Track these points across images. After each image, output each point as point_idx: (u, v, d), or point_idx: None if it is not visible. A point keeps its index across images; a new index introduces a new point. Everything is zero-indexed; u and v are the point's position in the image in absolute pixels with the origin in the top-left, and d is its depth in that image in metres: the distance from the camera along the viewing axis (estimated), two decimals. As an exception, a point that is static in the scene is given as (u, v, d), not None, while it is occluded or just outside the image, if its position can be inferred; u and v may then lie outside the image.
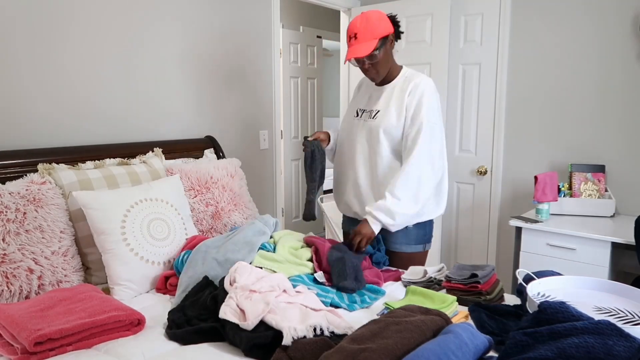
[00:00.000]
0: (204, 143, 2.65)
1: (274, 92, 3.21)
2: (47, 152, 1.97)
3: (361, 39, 1.86)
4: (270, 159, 3.26)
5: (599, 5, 2.83)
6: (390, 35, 1.92)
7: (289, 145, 4.66)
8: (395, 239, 2.02)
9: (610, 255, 2.40)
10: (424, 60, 3.30)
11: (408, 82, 1.94)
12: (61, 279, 1.65)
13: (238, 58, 2.93)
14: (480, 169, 3.31)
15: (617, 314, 1.28)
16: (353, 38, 1.88)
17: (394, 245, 2.03)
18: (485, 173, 3.30)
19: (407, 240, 2.02)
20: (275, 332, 1.25)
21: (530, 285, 1.41)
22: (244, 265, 1.56)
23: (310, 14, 4.81)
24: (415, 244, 2.03)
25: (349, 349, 1.07)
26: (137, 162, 2.17)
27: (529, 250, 2.64)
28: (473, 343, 1.09)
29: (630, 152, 2.81)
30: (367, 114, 2.03)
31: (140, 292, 1.74)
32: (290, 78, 4.61)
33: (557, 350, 1.00)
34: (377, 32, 1.86)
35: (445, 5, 3.22)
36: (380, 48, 1.88)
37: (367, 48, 1.85)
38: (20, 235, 1.59)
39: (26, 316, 1.31)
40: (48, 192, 1.72)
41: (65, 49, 2.10)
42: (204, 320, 1.40)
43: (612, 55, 2.81)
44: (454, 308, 1.46)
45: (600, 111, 2.89)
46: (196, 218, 2.13)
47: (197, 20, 2.66)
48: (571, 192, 2.80)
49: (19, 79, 1.97)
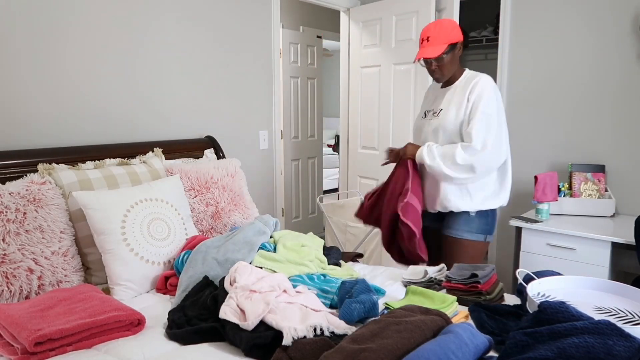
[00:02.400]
0: (204, 143, 2.65)
1: (273, 92, 3.21)
2: (47, 152, 1.97)
3: (432, 42, 2.01)
4: (270, 159, 3.26)
5: (599, 5, 2.83)
6: (459, 43, 2.06)
7: (289, 145, 4.66)
8: (457, 225, 2.09)
9: (610, 255, 2.40)
10: (411, 59, 3.27)
11: (469, 81, 2.05)
12: (61, 279, 1.65)
13: (238, 58, 2.93)
14: None
15: (617, 314, 1.28)
16: (425, 40, 2.03)
17: (455, 232, 2.09)
18: None
19: (469, 227, 2.08)
20: (275, 332, 1.25)
21: (530, 285, 1.41)
22: (244, 265, 1.56)
23: (310, 14, 4.81)
24: (477, 232, 2.09)
25: (349, 349, 1.07)
26: (137, 162, 2.17)
27: (529, 250, 2.64)
28: (473, 343, 1.09)
29: (630, 152, 2.81)
30: (432, 113, 2.16)
31: (140, 292, 1.74)
32: (290, 78, 4.61)
33: (557, 350, 1.00)
34: (447, 38, 2.01)
35: (429, 2, 3.17)
36: (449, 53, 2.03)
37: (436, 50, 2.00)
38: (20, 236, 1.59)
39: (26, 316, 1.31)
40: (48, 192, 1.72)
41: (66, 49, 2.10)
42: (204, 320, 1.40)
43: (612, 55, 2.81)
44: (454, 308, 1.46)
45: (600, 111, 2.89)
46: (196, 218, 2.13)
47: (197, 20, 2.66)
48: (571, 192, 2.80)
49: (19, 79, 1.97)
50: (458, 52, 2.08)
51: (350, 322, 1.36)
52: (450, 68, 2.08)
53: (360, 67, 3.74)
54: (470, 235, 2.08)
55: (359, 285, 1.48)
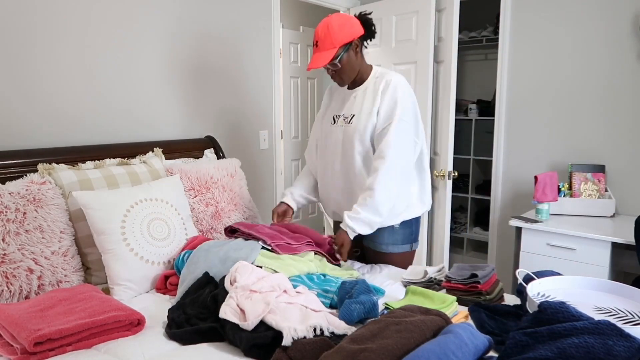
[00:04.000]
0: (204, 143, 2.65)
1: (273, 92, 3.20)
2: (47, 152, 1.97)
3: (321, 48, 1.82)
4: (270, 159, 3.26)
5: (599, 5, 2.83)
6: (356, 40, 1.86)
7: (289, 145, 4.66)
8: (381, 240, 1.99)
9: (610, 255, 2.40)
10: (410, 59, 3.27)
11: (379, 82, 1.89)
12: (61, 279, 1.65)
13: (238, 58, 2.93)
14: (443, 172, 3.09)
15: (617, 314, 1.28)
16: (315, 46, 1.85)
17: (380, 246, 2.01)
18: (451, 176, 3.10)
19: (393, 240, 1.99)
20: (275, 333, 1.25)
21: (530, 285, 1.41)
22: (244, 265, 1.56)
23: (310, 14, 4.81)
24: (402, 243, 2.01)
25: (349, 349, 1.07)
26: (137, 162, 2.17)
27: (529, 250, 2.64)
28: (473, 343, 1.08)
29: (630, 152, 2.81)
30: (343, 119, 1.98)
31: (140, 292, 1.74)
32: (290, 78, 4.61)
33: (557, 351, 1.00)
34: (337, 40, 1.81)
35: (429, 2, 3.14)
36: (342, 55, 1.84)
37: (325, 57, 1.81)
38: (20, 235, 1.59)
39: (26, 316, 1.31)
40: (48, 192, 1.72)
41: (65, 49, 2.10)
42: (204, 320, 1.40)
43: (613, 55, 2.81)
44: (454, 308, 1.46)
45: (600, 111, 2.89)
46: (196, 218, 2.13)
47: (197, 20, 2.66)
48: (571, 192, 2.80)
49: (19, 79, 1.97)
50: (356, 50, 1.88)
51: (350, 323, 1.36)
52: (350, 71, 1.90)
53: (360, 67, 3.73)
54: (395, 247, 1.99)
55: (359, 286, 1.48)
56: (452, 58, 3.02)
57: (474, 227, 4.34)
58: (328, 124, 2.06)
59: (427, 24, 3.13)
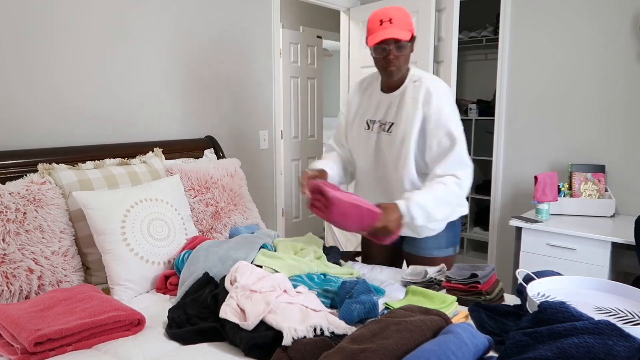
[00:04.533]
0: (204, 143, 2.65)
1: (273, 92, 3.20)
2: (47, 152, 1.97)
3: (397, 25, 1.70)
4: (270, 159, 3.26)
5: (599, 5, 2.83)
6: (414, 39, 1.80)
7: (289, 145, 4.66)
8: (424, 244, 1.91)
9: (610, 255, 2.40)
10: (410, 59, 3.25)
11: (418, 89, 1.78)
12: (61, 279, 1.65)
13: (238, 58, 2.93)
14: None
15: (617, 314, 1.28)
16: (387, 22, 1.70)
17: (424, 251, 1.92)
18: None
19: (438, 244, 1.91)
20: (275, 332, 1.25)
21: (530, 285, 1.41)
22: (245, 264, 1.56)
23: (310, 14, 4.81)
24: (446, 247, 1.93)
25: (349, 349, 1.07)
26: (137, 162, 2.17)
27: (529, 250, 2.64)
28: (473, 343, 1.09)
29: (630, 152, 2.81)
30: (379, 125, 1.86)
31: (140, 292, 1.74)
32: (290, 78, 4.61)
33: (557, 351, 1.00)
34: (411, 26, 1.75)
35: (429, 2, 3.12)
36: (411, 43, 1.76)
37: (403, 34, 1.70)
38: (20, 235, 1.59)
39: (26, 316, 1.31)
40: (48, 192, 1.72)
41: (66, 49, 2.10)
42: (204, 319, 1.40)
43: (612, 55, 2.81)
44: (454, 308, 1.46)
45: (600, 111, 2.89)
46: (196, 218, 2.13)
47: (197, 20, 2.66)
48: (571, 192, 2.80)
49: (19, 79, 1.97)
50: (413, 47, 1.80)
51: (350, 323, 1.36)
52: (406, 63, 1.79)
53: (360, 67, 3.74)
54: (439, 252, 1.90)
55: (360, 286, 1.48)
56: (452, 58, 3.03)
57: (474, 227, 4.34)
58: (360, 127, 1.93)
59: (427, 24, 3.13)
